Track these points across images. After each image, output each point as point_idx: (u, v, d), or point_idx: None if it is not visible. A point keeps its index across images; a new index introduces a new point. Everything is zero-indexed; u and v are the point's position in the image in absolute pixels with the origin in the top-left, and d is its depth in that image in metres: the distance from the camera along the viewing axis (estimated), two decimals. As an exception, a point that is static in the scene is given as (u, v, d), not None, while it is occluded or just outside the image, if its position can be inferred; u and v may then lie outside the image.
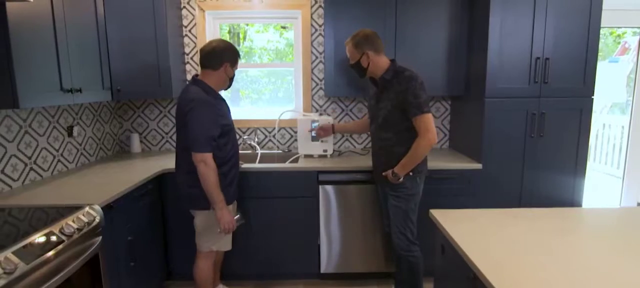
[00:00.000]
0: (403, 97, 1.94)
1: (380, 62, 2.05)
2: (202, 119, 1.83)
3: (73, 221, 1.55)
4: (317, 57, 2.95)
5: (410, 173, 2.03)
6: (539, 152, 2.46)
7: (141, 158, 2.75)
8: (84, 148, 2.55)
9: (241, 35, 3.09)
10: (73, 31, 2.02)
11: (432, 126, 1.93)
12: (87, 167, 2.47)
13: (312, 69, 2.96)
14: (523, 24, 2.35)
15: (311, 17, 2.89)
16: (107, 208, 1.82)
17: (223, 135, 1.93)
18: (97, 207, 1.70)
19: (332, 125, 2.55)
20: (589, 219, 1.51)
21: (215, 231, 1.98)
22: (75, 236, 1.54)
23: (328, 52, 2.61)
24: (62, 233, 1.48)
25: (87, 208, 1.66)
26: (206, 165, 1.83)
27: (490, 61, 2.35)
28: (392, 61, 2.06)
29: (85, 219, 1.61)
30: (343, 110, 3.02)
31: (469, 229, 1.40)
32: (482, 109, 2.42)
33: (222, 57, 1.93)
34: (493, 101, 2.39)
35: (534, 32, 2.35)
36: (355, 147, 3.07)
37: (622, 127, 3.93)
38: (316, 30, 2.91)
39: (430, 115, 1.93)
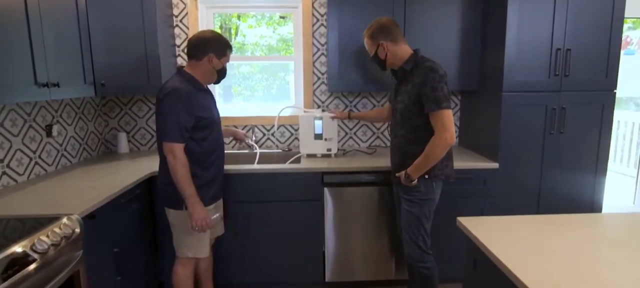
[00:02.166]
0: (420, 89, 1.76)
1: (399, 52, 1.87)
2: (173, 107, 1.68)
3: (47, 236, 1.34)
4: (318, 49, 2.75)
5: (426, 176, 1.85)
6: (559, 149, 2.30)
7: (129, 159, 2.53)
8: (65, 149, 2.32)
9: (233, 31, 2.88)
10: (49, 19, 1.79)
11: (450, 124, 1.75)
12: (68, 169, 2.24)
13: (314, 62, 2.77)
14: (543, 12, 2.18)
15: (312, 6, 2.69)
16: (89, 218, 1.60)
17: (201, 128, 1.78)
18: (77, 218, 1.49)
19: (349, 112, 2.42)
20: None
21: (190, 233, 1.81)
22: (51, 253, 1.33)
23: (331, 44, 2.41)
24: (34, 251, 1.27)
25: (64, 220, 1.45)
26: (174, 157, 1.69)
27: (508, 53, 2.18)
28: (415, 51, 1.88)
29: (62, 232, 1.39)
30: (347, 106, 2.82)
31: (507, 240, 1.22)
32: (499, 104, 2.25)
33: (207, 47, 1.79)
34: (511, 95, 2.22)
35: (554, 21, 2.19)
36: (359, 145, 2.88)
37: (633, 123, 3.80)
38: (318, 20, 2.71)
39: (448, 112, 1.75)
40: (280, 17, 2.84)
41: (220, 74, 1.88)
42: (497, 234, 1.27)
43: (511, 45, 2.18)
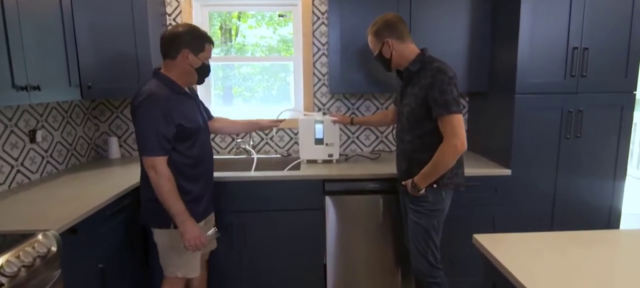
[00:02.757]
0: (428, 92, 1.63)
1: (405, 51, 1.74)
2: (150, 116, 1.50)
3: (18, 256, 1.21)
4: (319, 49, 2.62)
5: (434, 185, 1.71)
6: (575, 154, 2.16)
7: (120, 165, 2.40)
8: (51, 156, 2.19)
9: (233, 32, 2.75)
10: (28, 16, 1.66)
11: (460, 130, 1.60)
12: (54, 177, 2.11)
13: (314, 63, 2.63)
14: (558, 8, 2.04)
15: (312, 3, 2.55)
16: (70, 233, 1.47)
17: (184, 137, 1.60)
18: (53, 234, 1.36)
19: (351, 118, 2.28)
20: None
21: (180, 252, 1.64)
22: (22, 275, 1.20)
23: (333, 43, 2.28)
24: (2, 274, 1.14)
25: (39, 237, 1.32)
26: (157, 172, 1.51)
27: (521, 52, 2.04)
28: (422, 51, 1.75)
29: (35, 252, 1.26)
30: (349, 108, 2.69)
31: (530, 261, 1.09)
32: (511, 107, 2.11)
33: (179, 43, 1.58)
34: (524, 98, 2.09)
35: (570, 17, 2.05)
36: (362, 150, 2.74)
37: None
38: (318, 18, 2.58)
39: (459, 117, 1.60)
40: (279, 15, 2.70)
41: (201, 72, 1.66)
42: (520, 255, 1.13)
43: (524, 44, 2.04)
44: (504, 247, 1.17)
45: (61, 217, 1.49)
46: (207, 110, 1.92)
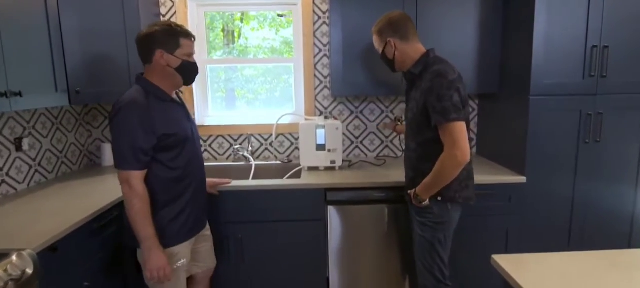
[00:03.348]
0: (426, 98, 1.51)
1: (409, 52, 1.62)
2: (126, 126, 1.37)
3: (-14, 281, 1.10)
4: (320, 50, 2.49)
5: (439, 198, 1.58)
6: (595, 160, 2.02)
7: (113, 173, 2.29)
8: (40, 164, 2.09)
9: (236, 34, 2.64)
10: (9, 19, 1.56)
11: (461, 139, 1.46)
12: (42, 187, 2.01)
13: (315, 65, 2.51)
14: (576, 3, 1.90)
15: (313, 2, 2.43)
16: (50, 251, 1.36)
17: (168, 147, 1.46)
18: (29, 254, 1.24)
19: (395, 124, 2.19)
20: None
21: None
22: (-9, 302, 1.08)
23: (335, 44, 2.16)
24: (-34, 302, 1.03)
25: (13, 258, 1.20)
26: (130, 187, 1.39)
27: (536, 50, 1.91)
28: (427, 52, 1.62)
29: (7, 275, 1.15)
30: (352, 112, 2.56)
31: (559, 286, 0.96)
32: (525, 110, 1.97)
33: (152, 44, 1.44)
34: (539, 100, 1.95)
35: (589, 13, 1.91)
36: (367, 156, 2.62)
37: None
38: (319, 18, 2.46)
39: (459, 125, 1.46)
40: (278, 15, 2.59)
41: (185, 72, 1.50)
42: (547, 280, 1.00)
43: (539, 42, 1.91)
44: (529, 271, 1.04)
45: (42, 233, 1.38)
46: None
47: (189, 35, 1.51)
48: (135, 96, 1.41)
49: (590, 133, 1.99)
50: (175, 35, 1.46)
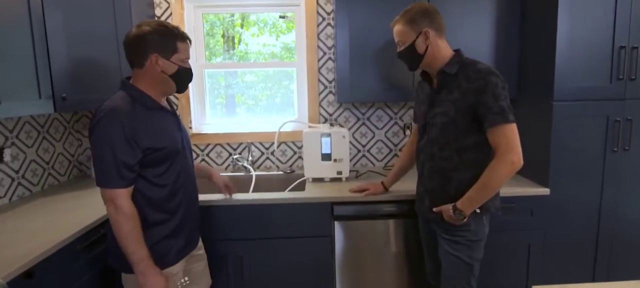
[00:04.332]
0: (477, 98, 1.35)
1: (442, 48, 1.47)
2: (108, 138, 1.21)
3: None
4: (325, 53, 2.35)
5: (477, 210, 1.43)
6: (623, 170, 1.87)
7: (103, 185, 2.13)
8: (23, 177, 1.94)
9: (236, 40, 2.51)
10: (-15, 17, 1.42)
11: (517, 143, 1.34)
12: (25, 201, 1.85)
13: (319, 69, 2.37)
14: (602, 1, 1.76)
15: (317, 3, 2.30)
16: (24, 277, 1.20)
17: (155, 163, 1.31)
18: (-2, 284, 1.09)
19: (382, 183, 1.86)
20: None
21: None
22: (-54, 344, 0.93)
23: (341, 46, 2.02)
24: None
25: (-22, 289, 1.05)
26: (116, 207, 1.23)
27: (559, 52, 1.77)
28: (457, 51, 1.48)
29: (-32, 311, 0.99)
30: (359, 118, 2.41)
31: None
32: (548, 116, 1.83)
33: (145, 46, 1.28)
34: (563, 105, 1.80)
35: (616, 11, 1.77)
36: (374, 165, 2.46)
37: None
38: (323, 19, 2.32)
39: (515, 128, 1.35)
40: (280, 16, 2.45)
41: (179, 79, 1.36)
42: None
43: (563, 43, 1.76)
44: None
45: (16, 257, 1.23)
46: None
47: (185, 38, 1.37)
48: (119, 103, 1.25)
49: (619, 140, 1.84)
50: (173, 38, 1.32)
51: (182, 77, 1.37)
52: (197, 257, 1.57)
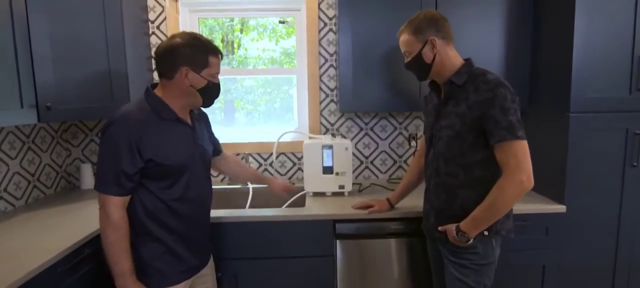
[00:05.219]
0: (484, 111, 1.25)
1: (451, 57, 1.37)
2: (112, 144, 1.21)
3: None
4: (326, 60, 2.25)
5: (485, 233, 1.32)
6: (644, 186, 1.76)
7: (92, 197, 2.02)
8: (5, 190, 1.82)
9: (235, 44, 2.41)
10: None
11: (526, 162, 1.23)
12: (7, 217, 1.74)
13: (320, 76, 2.26)
14: (621, 7, 1.66)
15: (318, 7, 2.20)
16: (-4, 308, 1.09)
17: (160, 176, 1.27)
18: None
19: (387, 200, 1.74)
20: None
21: None
22: None
23: (344, 53, 1.91)
24: None
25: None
26: (106, 214, 1.22)
27: (576, 61, 1.66)
28: (467, 61, 1.37)
29: None
30: (362, 129, 2.31)
31: None
32: (564, 129, 1.72)
33: (176, 59, 1.25)
34: (580, 117, 1.70)
35: (637, 18, 1.67)
36: (378, 177, 2.35)
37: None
38: (325, 24, 2.22)
39: (525, 145, 1.24)
40: (280, 21, 2.35)
41: (207, 94, 1.32)
42: None
43: (580, 51, 1.66)
44: None
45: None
46: (216, 143, 1.59)
47: (217, 52, 1.33)
48: (132, 110, 1.24)
49: (638, 155, 1.74)
50: (205, 51, 1.29)
51: (210, 92, 1.34)
52: (203, 279, 1.48)
